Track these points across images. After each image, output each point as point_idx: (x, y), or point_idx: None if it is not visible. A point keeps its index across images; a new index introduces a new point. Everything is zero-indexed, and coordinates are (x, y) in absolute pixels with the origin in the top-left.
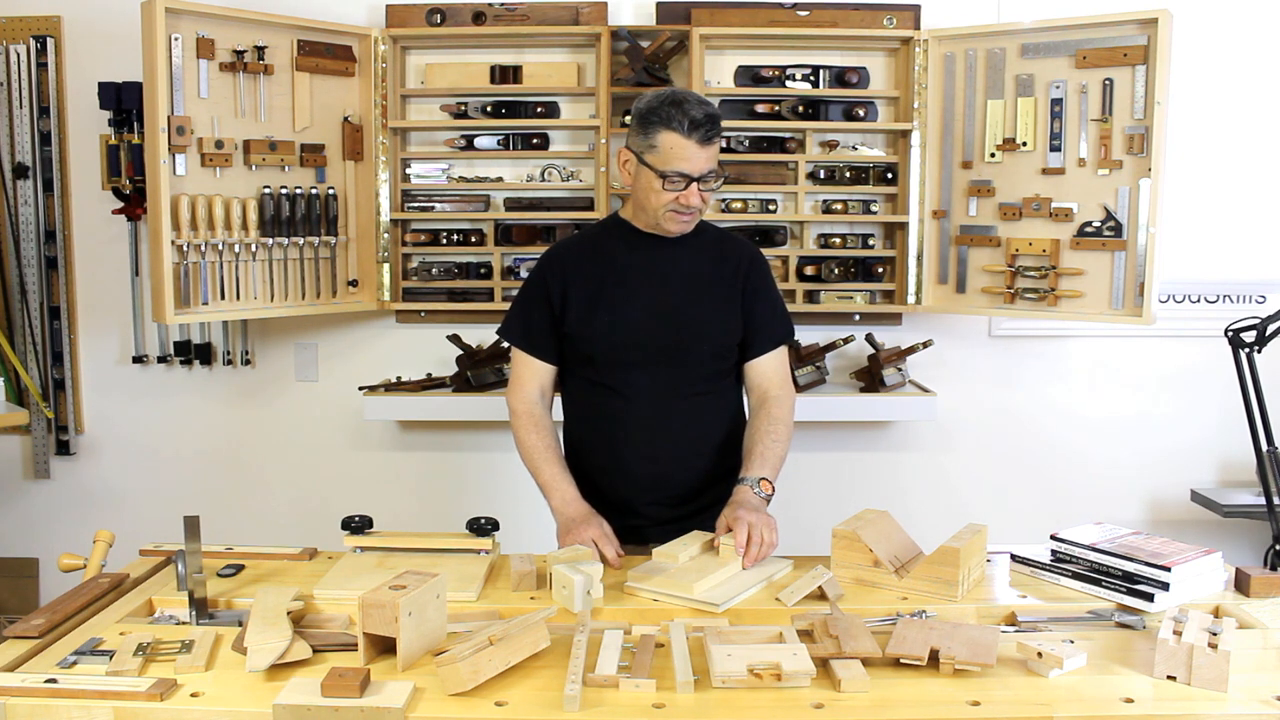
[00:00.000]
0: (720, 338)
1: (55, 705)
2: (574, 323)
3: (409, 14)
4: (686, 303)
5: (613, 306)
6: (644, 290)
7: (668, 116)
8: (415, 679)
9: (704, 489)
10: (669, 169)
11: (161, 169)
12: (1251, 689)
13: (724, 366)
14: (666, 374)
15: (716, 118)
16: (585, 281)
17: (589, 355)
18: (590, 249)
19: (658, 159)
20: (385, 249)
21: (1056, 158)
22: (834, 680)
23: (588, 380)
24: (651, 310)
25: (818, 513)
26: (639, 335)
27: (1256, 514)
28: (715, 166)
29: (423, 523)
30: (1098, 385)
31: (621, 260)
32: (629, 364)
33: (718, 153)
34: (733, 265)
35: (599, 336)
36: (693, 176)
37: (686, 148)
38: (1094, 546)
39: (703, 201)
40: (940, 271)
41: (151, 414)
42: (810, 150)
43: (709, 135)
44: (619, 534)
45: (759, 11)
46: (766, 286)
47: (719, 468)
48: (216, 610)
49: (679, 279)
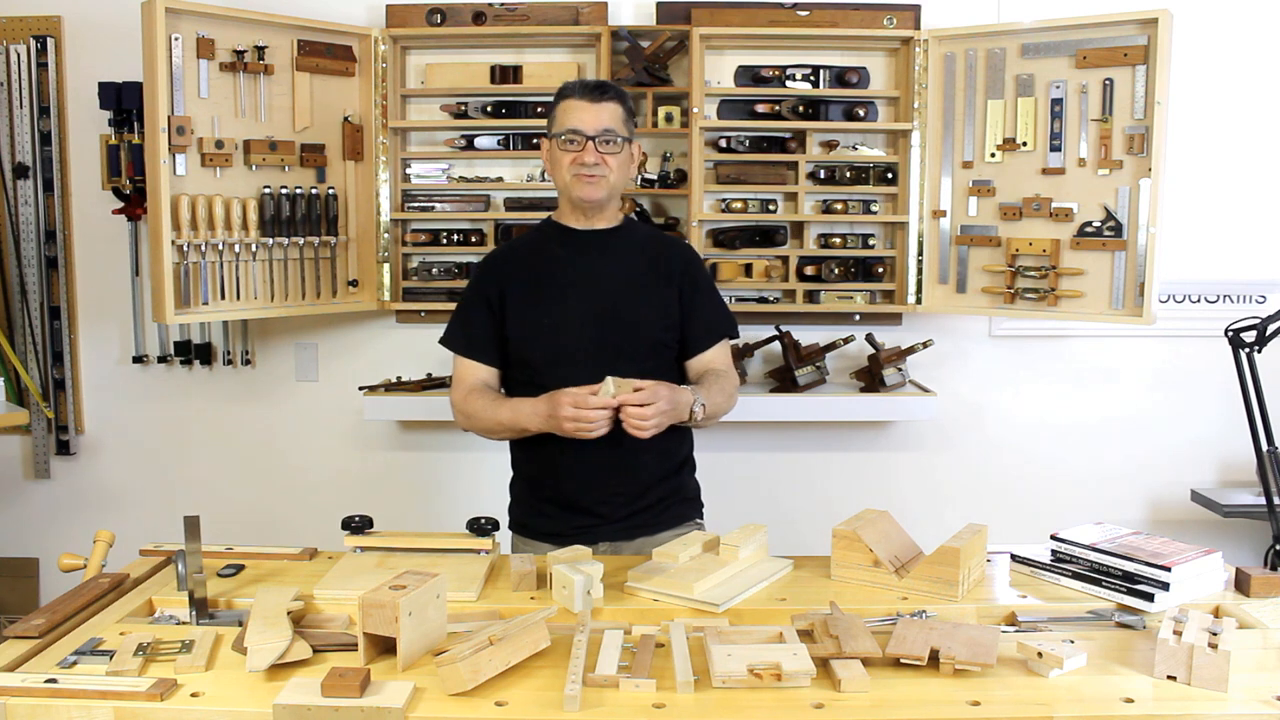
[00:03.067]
0: (658, 334)
1: (55, 705)
2: (513, 326)
3: (409, 14)
4: (621, 300)
5: (549, 308)
6: (579, 290)
7: (566, 90)
8: (415, 679)
9: (651, 485)
10: (564, 128)
11: (161, 169)
12: (1251, 689)
13: (663, 363)
14: (606, 371)
15: (610, 84)
16: (522, 285)
17: (529, 358)
18: (526, 252)
19: (556, 126)
20: (385, 249)
21: (1056, 158)
22: (834, 680)
23: (530, 384)
24: (587, 310)
25: (818, 513)
26: (575, 335)
27: (1256, 514)
28: (615, 128)
29: (423, 523)
30: (1098, 385)
31: (556, 261)
32: (567, 364)
33: (620, 119)
34: (667, 263)
35: (537, 338)
36: (586, 133)
37: (577, 107)
38: (1094, 546)
39: (604, 163)
40: (940, 271)
41: (151, 414)
42: (810, 150)
43: (599, 94)
44: (570, 534)
45: (759, 11)
46: (703, 285)
47: (665, 464)
48: (216, 610)
49: (613, 277)
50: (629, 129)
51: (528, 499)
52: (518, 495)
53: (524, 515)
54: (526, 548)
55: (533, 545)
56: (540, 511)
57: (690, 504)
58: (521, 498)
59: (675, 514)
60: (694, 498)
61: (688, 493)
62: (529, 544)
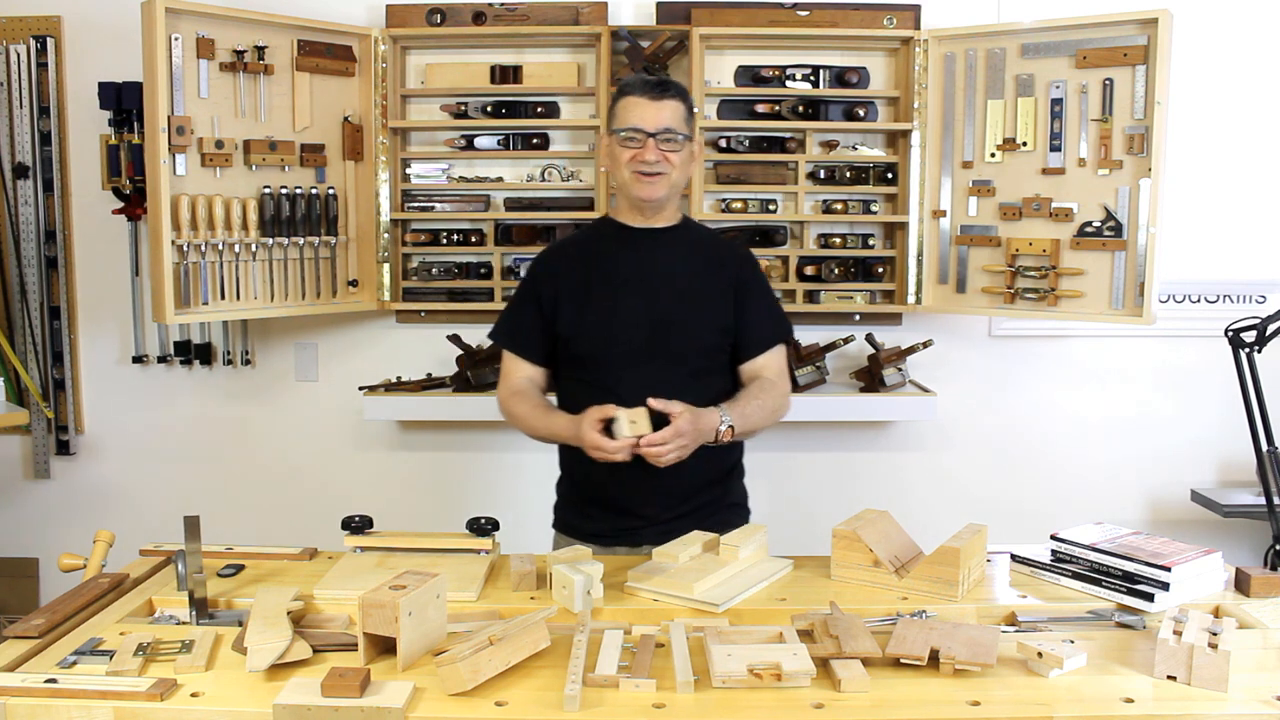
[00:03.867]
0: (708, 336)
1: (55, 705)
2: (564, 323)
3: (409, 14)
4: (675, 301)
5: (601, 306)
6: (632, 289)
7: (626, 87)
8: (415, 679)
9: (698, 489)
10: (625, 126)
11: (161, 169)
12: (1251, 689)
13: (714, 365)
14: (656, 373)
15: (670, 81)
16: (575, 282)
17: (579, 356)
18: (581, 249)
19: (617, 122)
20: (385, 249)
21: (1056, 158)
22: (834, 680)
23: (580, 381)
24: (639, 309)
25: (818, 513)
26: (627, 333)
27: (1256, 514)
28: (676, 126)
29: (423, 523)
30: (1098, 385)
31: (611, 259)
32: (618, 363)
33: (681, 117)
34: (722, 265)
35: (588, 336)
36: (646, 131)
37: (639, 104)
38: (1094, 546)
39: (665, 161)
40: (940, 271)
41: (151, 414)
42: (810, 150)
43: (660, 91)
44: (614, 535)
45: (759, 11)
46: (759, 289)
47: (713, 468)
48: (216, 610)
49: (668, 277)
50: (690, 127)
51: (573, 499)
52: (564, 495)
53: (569, 515)
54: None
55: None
56: (584, 513)
57: (736, 509)
58: (568, 498)
59: (721, 519)
60: (740, 503)
61: (734, 498)
62: (571, 544)
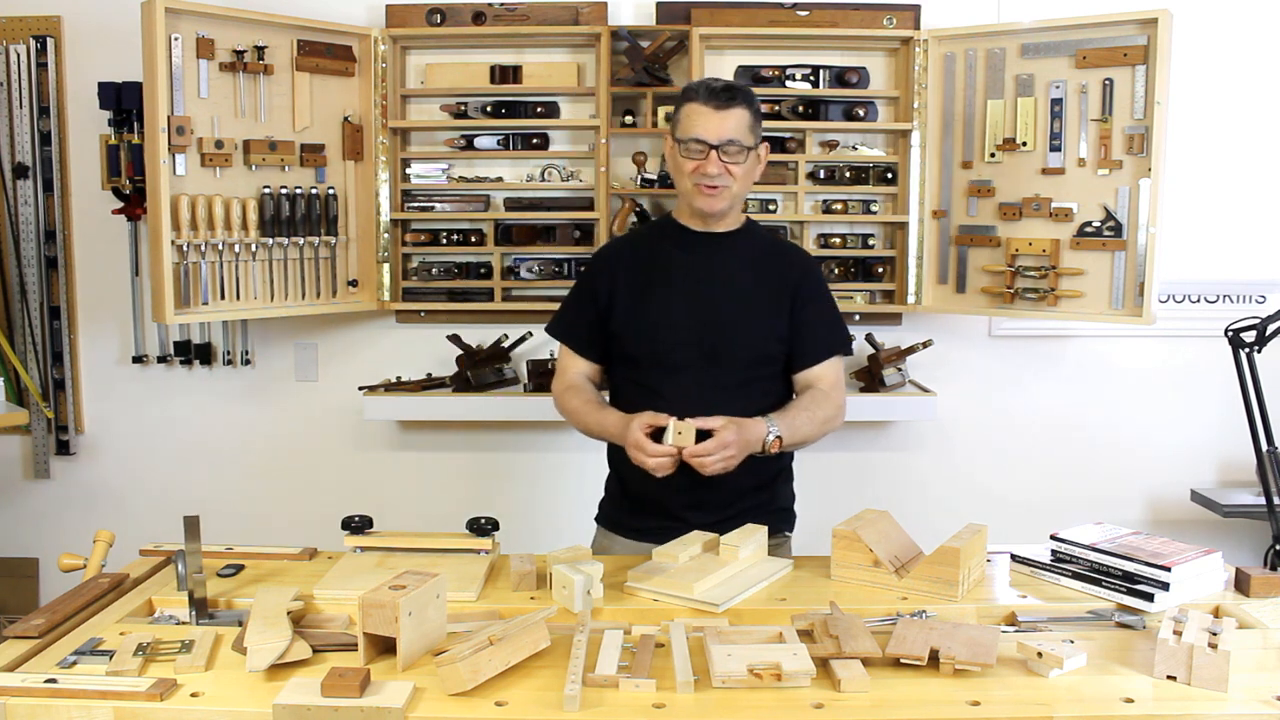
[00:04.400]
0: (761, 344)
1: (55, 705)
2: (619, 322)
3: (409, 14)
4: (730, 306)
5: (655, 307)
6: (688, 291)
7: (690, 92)
8: (415, 679)
9: (743, 495)
10: (688, 136)
11: (161, 169)
12: (1251, 689)
13: (767, 373)
14: (708, 377)
15: (737, 87)
16: (632, 280)
17: (632, 355)
18: (640, 248)
19: (680, 130)
20: (385, 249)
21: (1056, 158)
22: (834, 680)
23: (631, 381)
24: (694, 312)
25: (818, 513)
26: (680, 336)
27: (1256, 514)
28: (740, 137)
29: (423, 523)
30: (1098, 385)
31: (669, 260)
32: (670, 365)
33: (746, 126)
34: (782, 272)
35: (641, 336)
36: (709, 143)
37: (702, 113)
38: (1094, 546)
39: (727, 174)
40: (940, 271)
41: (151, 414)
42: (810, 150)
43: (726, 100)
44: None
45: (759, 11)
46: (819, 297)
47: (760, 475)
48: (216, 610)
49: (725, 282)
50: (755, 134)
51: (619, 496)
52: (611, 492)
53: (615, 511)
54: (608, 541)
55: (617, 541)
56: (629, 509)
57: (782, 515)
58: (614, 494)
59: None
60: (787, 508)
61: (780, 503)
62: (613, 539)
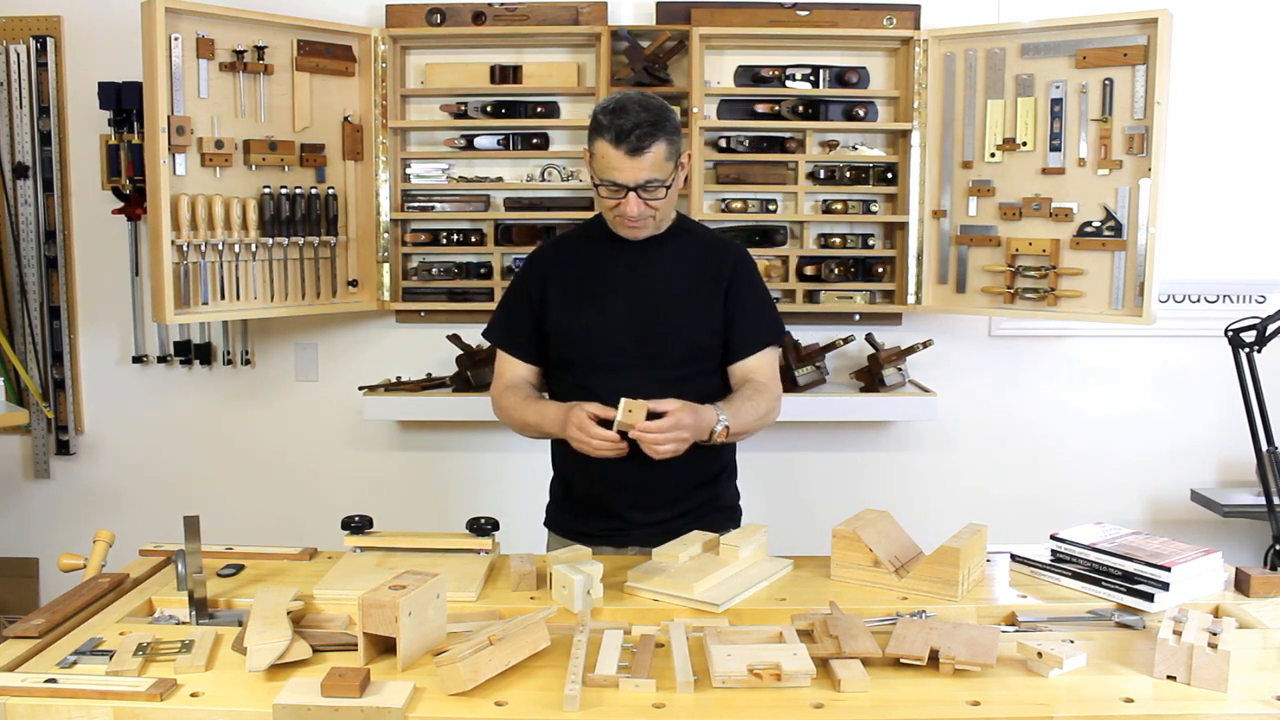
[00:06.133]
0: (698, 339)
1: (55, 705)
2: (554, 324)
3: (409, 14)
4: (663, 305)
5: (589, 308)
6: (622, 292)
7: (600, 126)
8: (415, 679)
9: (687, 492)
10: (602, 178)
11: (161, 169)
12: (1251, 689)
13: (705, 368)
14: (646, 375)
15: (649, 124)
16: (566, 282)
17: (568, 358)
18: (573, 250)
19: (595, 166)
20: (385, 249)
21: (1056, 158)
22: (834, 680)
23: (569, 384)
24: (628, 312)
25: (818, 513)
26: (616, 337)
27: (1256, 514)
28: (658, 174)
29: (423, 523)
30: (1098, 385)
31: (602, 261)
32: (607, 366)
33: (663, 157)
34: (716, 267)
35: (577, 338)
36: (626, 186)
37: (615, 158)
38: (1094, 546)
39: (649, 209)
40: (940, 271)
41: (151, 414)
42: (810, 150)
43: (639, 145)
44: (603, 537)
45: (759, 11)
46: (752, 288)
47: (702, 471)
48: (216, 610)
49: (658, 280)
50: (675, 154)
51: (562, 498)
52: (554, 493)
53: (559, 513)
54: (559, 545)
55: (566, 543)
56: (573, 511)
57: (727, 513)
58: (557, 496)
59: (710, 523)
60: (731, 506)
61: (724, 501)
62: (562, 542)
